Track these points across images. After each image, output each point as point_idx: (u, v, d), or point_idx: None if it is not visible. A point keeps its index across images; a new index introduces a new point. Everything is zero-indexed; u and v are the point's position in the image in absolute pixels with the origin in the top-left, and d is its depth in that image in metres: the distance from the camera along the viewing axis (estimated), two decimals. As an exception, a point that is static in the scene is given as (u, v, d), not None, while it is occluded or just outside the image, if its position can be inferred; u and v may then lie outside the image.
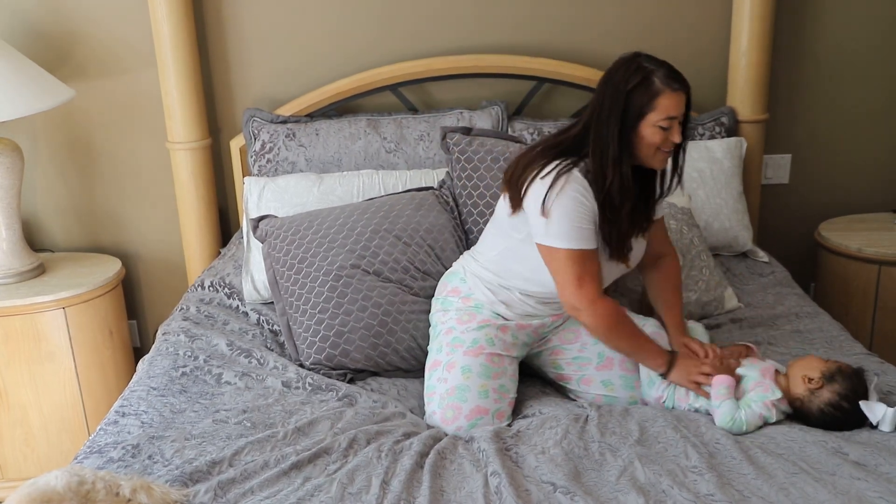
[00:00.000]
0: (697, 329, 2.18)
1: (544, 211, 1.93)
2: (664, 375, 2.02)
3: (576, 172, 1.94)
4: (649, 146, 1.93)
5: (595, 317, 1.97)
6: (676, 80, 1.91)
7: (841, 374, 1.91)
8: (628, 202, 1.95)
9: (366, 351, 2.21)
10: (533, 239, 2.00)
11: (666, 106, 1.90)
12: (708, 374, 1.97)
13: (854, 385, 1.89)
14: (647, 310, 2.26)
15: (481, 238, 2.20)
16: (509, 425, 1.99)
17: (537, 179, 1.96)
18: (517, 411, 2.06)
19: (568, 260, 1.95)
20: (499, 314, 2.09)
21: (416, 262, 2.30)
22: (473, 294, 2.12)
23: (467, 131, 2.53)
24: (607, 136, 1.92)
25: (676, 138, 1.94)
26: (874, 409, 1.85)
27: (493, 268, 2.11)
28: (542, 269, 2.02)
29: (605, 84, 1.96)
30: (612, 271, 2.07)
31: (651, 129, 1.91)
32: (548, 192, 1.92)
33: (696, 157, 2.76)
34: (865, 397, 1.88)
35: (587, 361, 2.12)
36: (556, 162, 1.96)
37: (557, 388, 2.19)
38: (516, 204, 2.01)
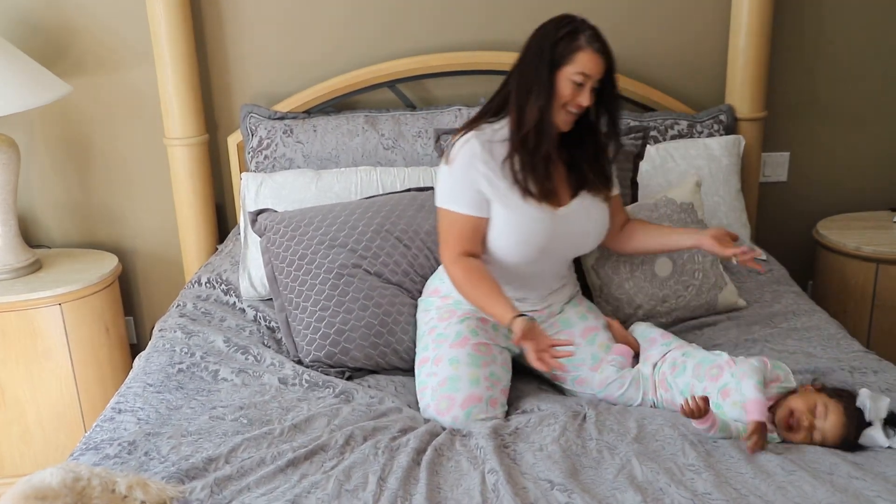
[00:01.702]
0: (638, 329, 2.24)
1: (448, 158, 2.05)
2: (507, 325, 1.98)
3: (473, 140, 2.03)
4: (559, 98, 1.99)
5: (451, 272, 2.05)
6: (599, 42, 1.99)
7: (831, 401, 1.82)
8: (545, 145, 2.01)
9: (366, 350, 2.21)
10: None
11: (583, 62, 1.97)
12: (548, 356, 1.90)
13: (848, 403, 1.83)
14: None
15: None
16: (507, 417, 1.99)
17: (457, 135, 2.09)
18: (515, 406, 2.06)
19: (446, 219, 2.07)
20: (477, 310, 2.10)
21: (415, 266, 2.30)
22: (452, 293, 2.14)
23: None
24: (534, 78, 1.99)
25: (585, 100, 1.99)
26: (876, 438, 1.80)
27: None
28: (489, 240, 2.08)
29: (536, 33, 2.04)
30: (553, 225, 2.07)
31: (564, 80, 1.98)
32: (453, 145, 2.06)
33: (695, 155, 2.75)
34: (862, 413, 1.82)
35: (581, 362, 2.12)
36: (479, 123, 2.08)
37: (554, 387, 2.19)
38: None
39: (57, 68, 2.85)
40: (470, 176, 2.03)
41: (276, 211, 2.44)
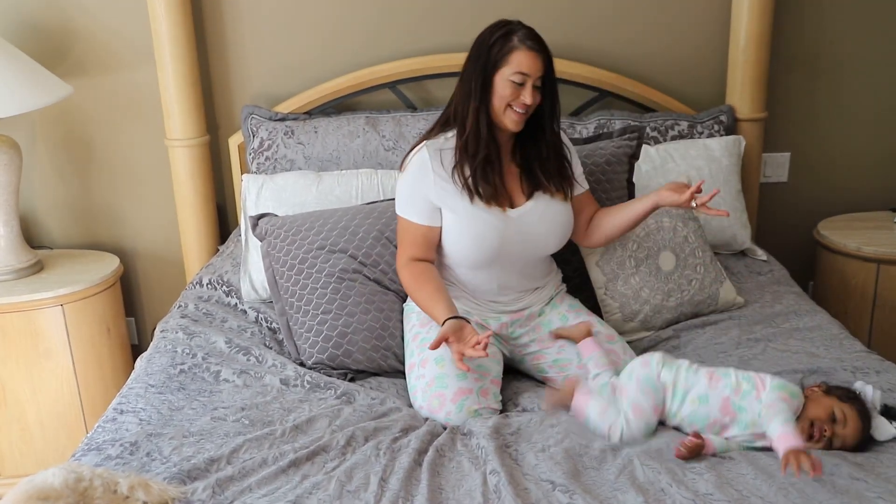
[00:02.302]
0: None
1: (402, 167, 2.14)
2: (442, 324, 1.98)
3: (424, 149, 2.09)
4: (500, 99, 2.02)
5: (402, 275, 2.12)
6: (533, 39, 2.02)
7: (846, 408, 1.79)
8: (482, 151, 2.05)
9: (368, 352, 2.21)
10: None
11: (519, 61, 2.00)
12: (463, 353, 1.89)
13: (860, 407, 1.81)
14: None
15: None
16: (506, 413, 1.99)
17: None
18: (515, 402, 2.07)
19: (400, 225, 2.14)
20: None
21: None
22: None
23: None
24: (472, 84, 2.04)
25: (527, 98, 2.01)
26: (884, 429, 1.80)
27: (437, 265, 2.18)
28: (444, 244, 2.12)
29: (474, 43, 2.08)
30: (508, 226, 2.08)
31: (503, 82, 2.01)
32: (407, 155, 2.14)
33: (695, 155, 2.75)
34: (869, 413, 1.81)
35: (568, 362, 2.14)
36: (424, 139, 2.13)
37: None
38: None
39: (58, 69, 2.85)
40: (419, 185, 2.08)
41: (276, 215, 2.44)
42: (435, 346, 1.92)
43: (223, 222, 3.08)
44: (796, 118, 3.12)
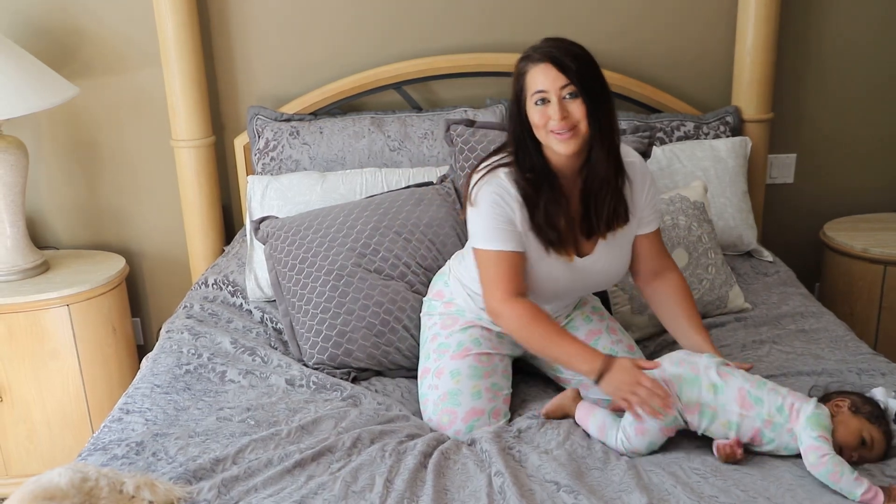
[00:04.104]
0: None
1: (472, 200, 1.90)
2: (597, 382, 1.82)
3: (500, 173, 1.90)
4: (536, 128, 1.84)
5: (508, 316, 1.89)
6: (542, 50, 1.82)
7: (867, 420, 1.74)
8: (545, 192, 1.88)
9: (368, 350, 2.21)
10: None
11: (532, 82, 1.83)
12: (643, 398, 1.74)
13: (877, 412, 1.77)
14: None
15: (468, 241, 2.13)
16: (509, 422, 1.98)
17: (473, 175, 1.95)
18: (519, 411, 2.05)
19: (485, 260, 1.91)
20: (482, 317, 2.06)
21: (417, 258, 2.29)
22: (455, 299, 2.10)
23: (471, 123, 2.53)
24: (512, 129, 1.90)
25: (553, 114, 1.80)
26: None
27: (467, 274, 2.07)
28: None
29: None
30: (570, 273, 1.96)
31: (531, 109, 1.84)
32: (474, 185, 1.91)
33: (701, 156, 2.75)
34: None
35: None
36: (493, 158, 1.94)
37: (559, 388, 2.18)
38: (463, 206, 1.99)
39: (64, 71, 2.86)
40: (503, 211, 1.88)
41: (277, 217, 2.44)
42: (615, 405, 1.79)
43: (229, 223, 3.08)
44: (802, 119, 3.11)
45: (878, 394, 1.82)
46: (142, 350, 3.08)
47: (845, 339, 2.25)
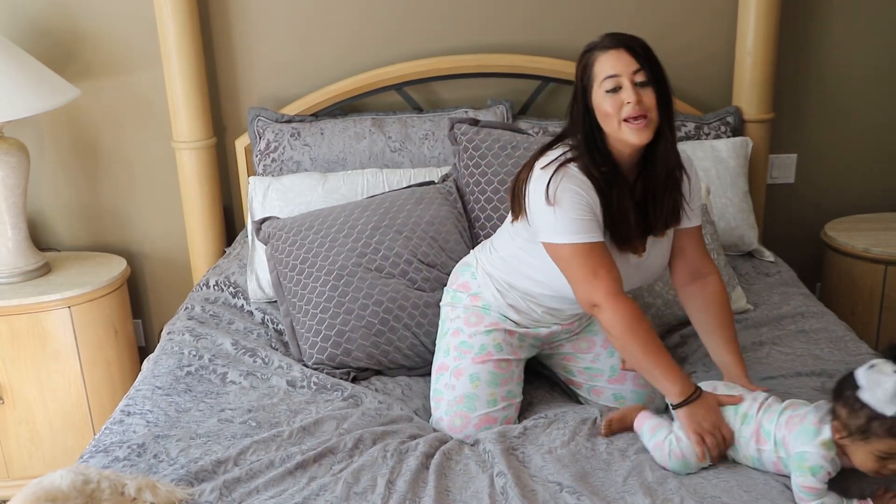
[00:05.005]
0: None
1: (548, 199, 1.82)
2: (675, 407, 1.78)
3: (572, 167, 1.83)
4: (607, 117, 1.79)
5: (613, 312, 1.79)
6: (611, 38, 1.80)
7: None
8: (616, 185, 1.83)
9: (368, 349, 2.21)
10: (538, 238, 1.90)
11: (602, 68, 1.78)
12: (715, 443, 1.73)
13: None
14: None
15: (498, 231, 2.10)
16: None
17: (536, 170, 1.86)
18: (526, 414, 2.04)
19: (576, 255, 1.82)
20: (507, 317, 2.04)
21: (418, 254, 2.29)
22: (482, 293, 2.06)
23: (475, 122, 2.53)
24: (578, 125, 1.84)
25: (630, 96, 1.76)
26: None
27: (503, 266, 2.03)
28: (549, 270, 1.92)
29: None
30: (628, 270, 1.91)
31: (600, 98, 1.79)
32: (549, 181, 1.82)
33: (702, 157, 2.75)
34: None
35: (599, 373, 2.09)
36: (556, 152, 1.87)
37: (566, 390, 2.18)
38: (518, 209, 1.93)
39: (66, 72, 2.86)
40: (585, 200, 1.81)
41: (279, 218, 2.44)
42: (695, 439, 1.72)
43: (230, 224, 3.08)
44: (803, 119, 3.11)
45: (861, 377, 1.59)
46: (143, 352, 3.08)
47: (845, 339, 2.24)
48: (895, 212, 3.17)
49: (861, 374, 1.59)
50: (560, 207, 1.81)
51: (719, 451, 1.73)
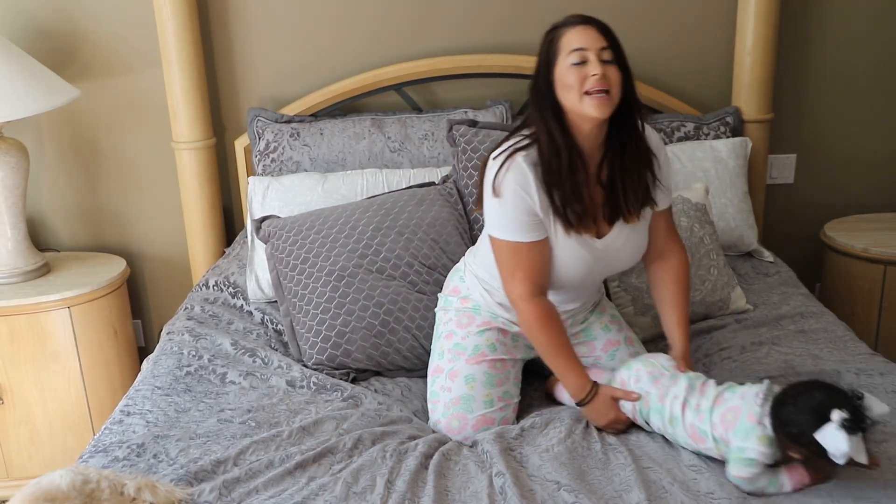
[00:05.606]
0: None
1: (494, 190, 1.86)
2: (580, 405, 1.90)
3: (519, 159, 1.84)
4: (568, 89, 1.79)
5: (520, 313, 1.90)
6: (579, 16, 1.83)
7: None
8: (568, 168, 1.84)
9: (367, 351, 2.21)
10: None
11: (569, 41, 1.80)
12: (617, 431, 1.87)
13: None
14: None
15: (482, 234, 2.12)
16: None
17: (490, 160, 1.90)
18: (523, 416, 2.04)
19: (503, 250, 1.90)
20: (497, 315, 2.05)
21: (419, 257, 2.29)
22: (471, 295, 2.08)
23: (473, 123, 2.53)
24: (537, 101, 1.86)
25: (595, 69, 1.77)
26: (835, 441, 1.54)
27: (486, 265, 2.04)
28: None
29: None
30: (593, 255, 1.93)
31: (564, 70, 1.80)
32: (497, 172, 1.86)
33: (701, 157, 2.75)
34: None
35: (598, 373, 2.08)
36: (509, 143, 1.89)
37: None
38: (479, 197, 1.97)
39: (66, 73, 2.87)
40: (524, 200, 1.85)
41: (279, 217, 2.44)
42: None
43: (229, 224, 3.08)
44: (803, 119, 3.11)
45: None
46: (143, 352, 3.08)
47: (844, 339, 2.25)
48: (895, 212, 3.17)
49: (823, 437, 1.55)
50: (502, 202, 1.87)
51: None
